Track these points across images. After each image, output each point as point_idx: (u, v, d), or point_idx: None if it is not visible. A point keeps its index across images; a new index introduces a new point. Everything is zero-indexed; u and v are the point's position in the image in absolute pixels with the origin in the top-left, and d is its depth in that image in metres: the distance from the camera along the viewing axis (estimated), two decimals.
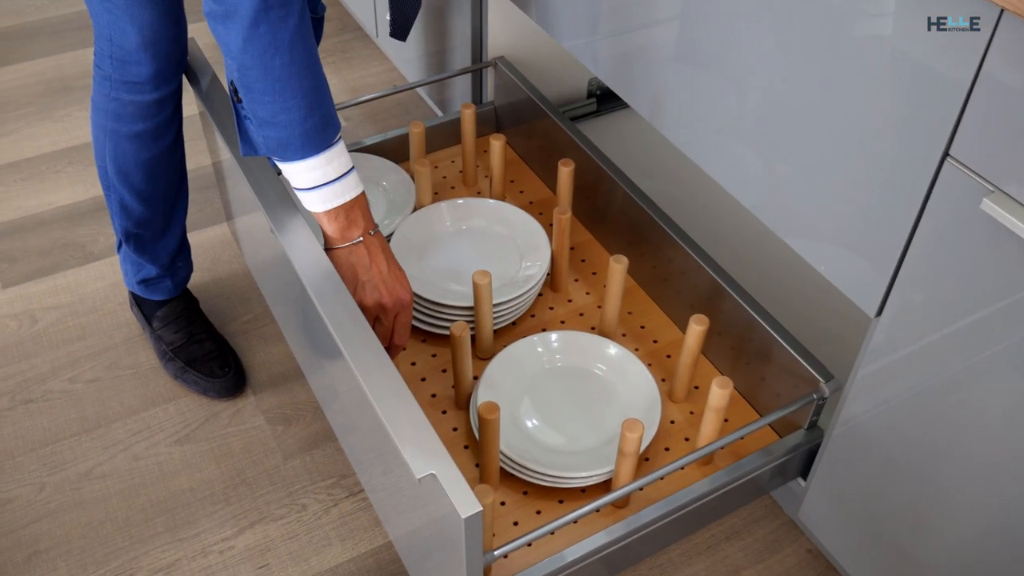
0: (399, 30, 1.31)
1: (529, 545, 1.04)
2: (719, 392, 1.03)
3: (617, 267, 1.17)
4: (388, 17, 1.27)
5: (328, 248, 1.06)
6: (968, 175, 0.76)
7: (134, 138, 1.22)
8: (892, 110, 0.80)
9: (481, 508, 0.76)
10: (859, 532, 1.09)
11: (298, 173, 0.99)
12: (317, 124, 0.97)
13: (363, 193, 1.05)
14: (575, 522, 1.03)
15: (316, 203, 1.02)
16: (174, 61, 1.18)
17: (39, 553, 1.24)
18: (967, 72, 0.72)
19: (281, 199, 1.07)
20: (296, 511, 1.29)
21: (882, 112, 0.82)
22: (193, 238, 1.66)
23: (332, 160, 1.00)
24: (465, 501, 0.76)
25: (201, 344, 1.44)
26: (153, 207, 1.31)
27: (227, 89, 0.96)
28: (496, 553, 0.90)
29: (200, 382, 1.41)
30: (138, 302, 1.46)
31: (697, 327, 1.11)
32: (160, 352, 1.45)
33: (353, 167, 1.03)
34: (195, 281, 1.58)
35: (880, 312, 0.91)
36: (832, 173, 0.90)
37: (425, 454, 0.80)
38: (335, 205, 1.02)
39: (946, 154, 0.77)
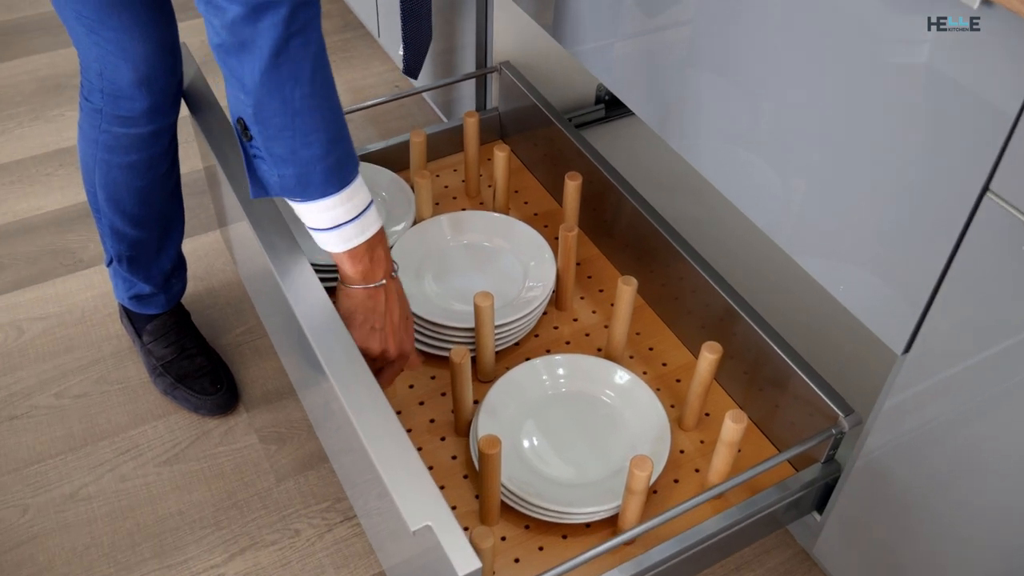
0: (412, 69, 1.29)
1: None
2: (733, 427, 0.98)
3: (626, 289, 1.12)
4: (400, 53, 1.23)
5: (343, 283, 0.99)
6: (1010, 212, 0.70)
7: (127, 168, 1.16)
8: (926, 133, 0.75)
9: (480, 566, 0.71)
10: (877, 569, 1.04)
11: (316, 213, 0.91)
12: (340, 158, 0.89)
13: (382, 227, 0.98)
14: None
15: (335, 243, 0.94)
16: (171, 94, 1.12)
17: None
18: (1014, 102, 0.66)
19: (279, 231, 1.02)
20: (289, 536, 1.24)
21: (915, 135, 0.76)
22: (186, 245, 1.60)
23: (353, 196, 0.92)
24: (463, 557, 0.71)
25: (192, 359, 1.38)
26: (147, 230, 1.26)
27: (233, 126, 0.88)
28: None
29: (191, 399, 1.36)
30: (128, 315, 1.41)
31: (710, 356, 1.05)
32: (150, 367, 1.39)
33: (372, 200, 0.95)
34: (188, 291, 1.52)
35: (908, 350, 0.85)
36: (854, 194, 0.85)
37: (421, 502, 0.75)
38: (356, 244, 0.95)
39: (986, 188, 0.71)
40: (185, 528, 1.25)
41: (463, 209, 1.42)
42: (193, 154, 1.75)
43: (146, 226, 1.26)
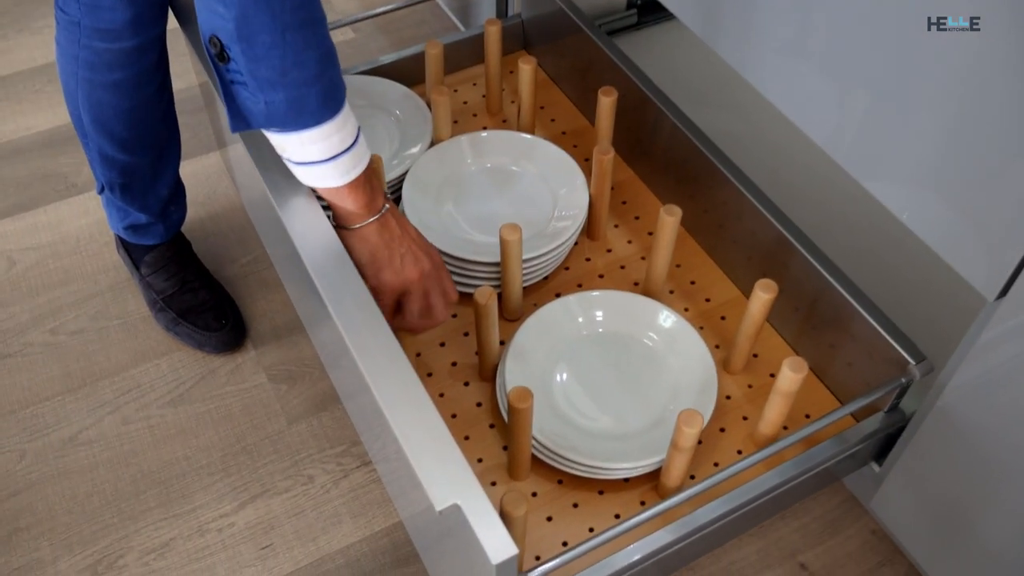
0: None
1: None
2: (792, 376, 0.88)
3: (669, 220, 1.00)
4: None
5: (346, 227, 0.88)
6: None
7: (112, 87, 1.04)
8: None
9: (516, 552, 0.62)
10: (943, 526, 0.95)
11: (309, 144, 0.80)
12: (334, 77, 0.77)
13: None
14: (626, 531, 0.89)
15: (332, 177, 0.83)
16: (155, 3, 0.99)
17: (20, 531, 1.12)
18: None
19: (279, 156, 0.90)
20: (302, 483, 1.16)
21: (1003, 46, 0.63)
22: (186, 167, 1.49)
23: (347, 120, 0.81)
24: (497, 543, 0.62)
25: (195, 293, 1.29)
26: (140, 155, 1.14)
27: (205, 47, 0.75)
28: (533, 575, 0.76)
29: (195, 335, 1.27)
30: (125, 246, 1.31)
31: (764, 295, 0.94)
32: (150, 301, 1.30)
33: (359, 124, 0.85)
34: (188, 218, 1.41)
35: (1004, 294, 0.74)
36: (926, 106, 0.72)
37: (447, 477, 0.66)
38: (357, 174, 0.84)
39: None
40: (192, 474, 1.17)
41: (484, 128, 1.30)
42: (186, 69, 1.62)
43: (138, 151, 1.14)
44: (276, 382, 1.26)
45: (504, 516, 0.78)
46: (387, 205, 0.89)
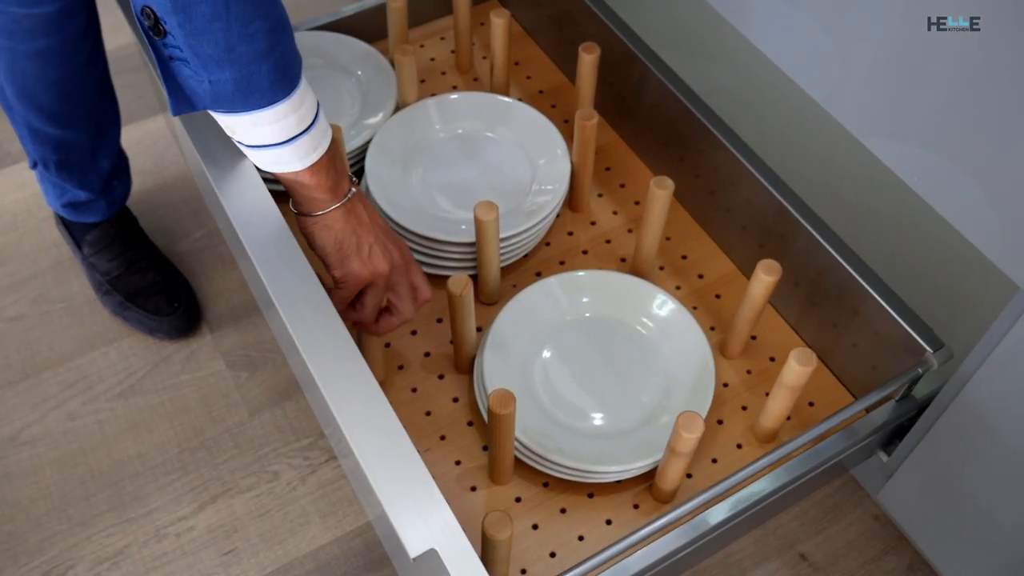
0: None
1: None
2: (799, 370, 0.80)
3: (660, 193, 0.91)
4: None
5: (308, 214, 0.78)
6: None
7: (36, 56, 0.92)
8: None
9: None
10: (955, 518, 0.89)
11: (263, 125, 0.69)
12: (287, 51, 0.67)
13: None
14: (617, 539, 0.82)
15: (291, 161, 0.73)
16: None
17: None
18: None
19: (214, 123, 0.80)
20: (267, 480, 1.08)
21: None
22: (130, 133, 1.37)
23: (304, 97, 0.71)
24: None
25: (143, 274, 1.18)
26: (74, 130, 1.03)
27: (137, 19, 0.64)
28: None
29: (145, 320, 1.17)
30: (65, 223, 1.20)
31: (766, 277, 0.86)
32: (95, 283, 1.19)
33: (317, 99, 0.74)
34: (134, 189, 1.30)
35: None
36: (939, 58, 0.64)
37: (424, 519, 0.57)
38: (319, 156, 0.74)
39: None
40: (146, 474, 1.08)
41: (454, 88, 1.19)
42: (123, 21, 1.48)
43: (72, 125, 1.03)
44: (235, 369, 1.16)
45: (486, 541, 0.70)
46: (354, 189, 0.80)
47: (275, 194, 0.81)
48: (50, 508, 1.06)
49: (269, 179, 0.80)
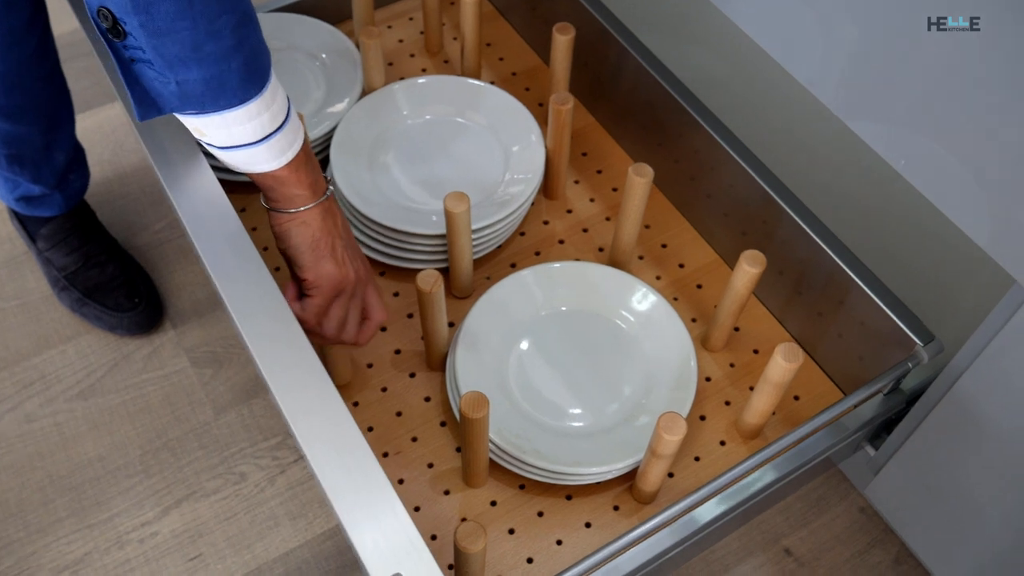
0: None
1: None
2: (784, 367, 0.76)
3: (639, 181, 0.87)
4: None
5: (283, 211, 0.74)
6: None
7: None
8: None
9: None
10: (944, 512, 0.86)
11: (235, 125, 0.65)
12: (256, 46, 0.63)
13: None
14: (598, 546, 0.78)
15: (266, 160, 0.69)
16: None
17: None
18: None
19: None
20: (233, 482, 1.04)
21: None
22: (86, 121, 1.31)
23: (276, 93, 0.67)
24: None
25: (102, 268, 1.13)
26: (25, 124, 0.98)
27: (92, 19, 0.59)
28: None
29: (104, 317, 1.12)
30: (18, 216, 1.15)
31: (750, 269, 0.82)
32: (52, 279, 1.14)
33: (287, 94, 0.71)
34: (93, 178, 1.25)
35: None
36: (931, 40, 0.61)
37: (388, 541, 0.53)
38: (295, 153, 0.70)
39: None
40: (107, 478, 1.04)
41: (423, 71, 1.14)
42: (67, 9, 1.42)
43: (23, 119, 0.98)
44: (200, 366, 1.12)
45: (459, 554, 0.66)
46: (331, 188, 0.76)
47: (232, 184, 0.77)
48: (7, 515, 1.01)
49: (220, 167, 0.76)
